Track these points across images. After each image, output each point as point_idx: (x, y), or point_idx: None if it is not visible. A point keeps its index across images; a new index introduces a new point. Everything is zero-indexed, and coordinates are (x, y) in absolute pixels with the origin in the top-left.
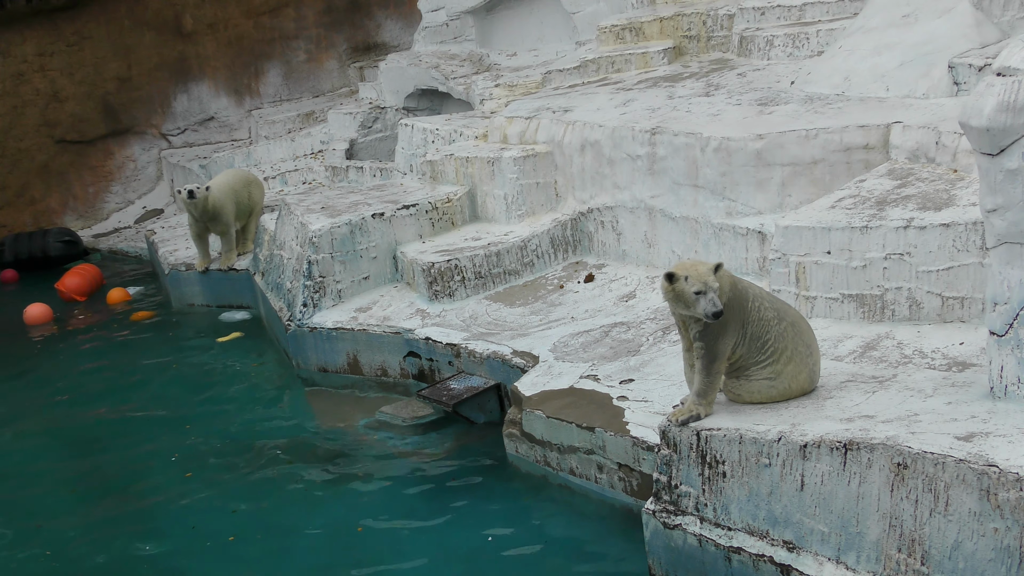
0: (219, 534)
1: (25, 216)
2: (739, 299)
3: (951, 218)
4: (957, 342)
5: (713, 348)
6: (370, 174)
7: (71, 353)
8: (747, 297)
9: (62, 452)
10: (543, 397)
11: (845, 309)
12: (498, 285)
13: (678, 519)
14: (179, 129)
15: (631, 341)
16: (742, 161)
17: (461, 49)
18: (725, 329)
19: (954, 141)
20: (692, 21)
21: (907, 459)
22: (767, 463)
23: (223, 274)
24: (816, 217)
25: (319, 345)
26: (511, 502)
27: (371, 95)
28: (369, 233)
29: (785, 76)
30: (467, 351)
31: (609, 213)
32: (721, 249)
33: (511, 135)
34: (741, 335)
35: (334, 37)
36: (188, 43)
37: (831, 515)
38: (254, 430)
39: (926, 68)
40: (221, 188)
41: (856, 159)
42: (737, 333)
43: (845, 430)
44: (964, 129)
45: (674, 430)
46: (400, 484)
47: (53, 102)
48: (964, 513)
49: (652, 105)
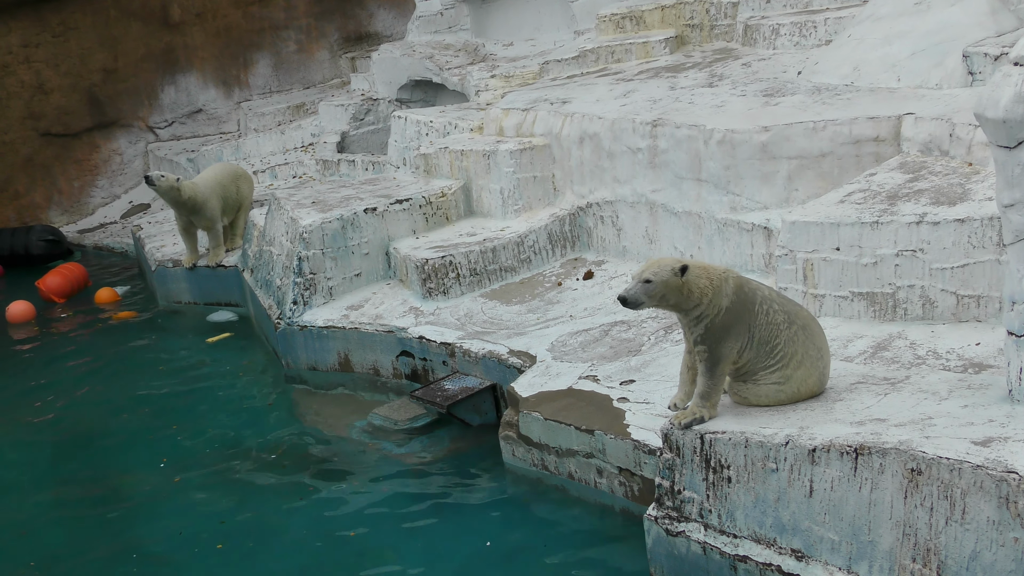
0: (208, 541)
1: (8, 211)
2: (745, 303)
3: (966, 213)
4: (973, 342)
5: (716, 351)
6: (362, 168)
7: (53, 353)
8: (754, 300)
9: (45, 456)
10: (541, 398)
11: (855, 308)
12: (494, 282)
13: (681, 526)
14: (166, 122)
15: (632, 340)
16: (747, 154)
17: (456, 39)
18: (728, 332)
19: (969, 133)
20: (695, 9)
21: (921, 465)
22: (774, 468)
23: (211, 271)
24: (824, 212)
25: (309, 344)
26: (508, 507)
27: (363, 86)
28: (361, 228)
29: (791, 66)
30: (462, 350)
31: (609, 208)
32: (725, 245)
33: (507, 127)
34: (747, 339)
35: (325, 27)
36: (175, 34)
37: (841, 523)
38: (242, 433)
39: (939, 57)
40: (206, 182)
41: (866, 152)
42: (742, 337)
43: (856, 434)
44: (980, 121)
45: (677, 433)
46: (393, 488)
47: (38, 94)
48: (982, 522)
49: (653, 96)
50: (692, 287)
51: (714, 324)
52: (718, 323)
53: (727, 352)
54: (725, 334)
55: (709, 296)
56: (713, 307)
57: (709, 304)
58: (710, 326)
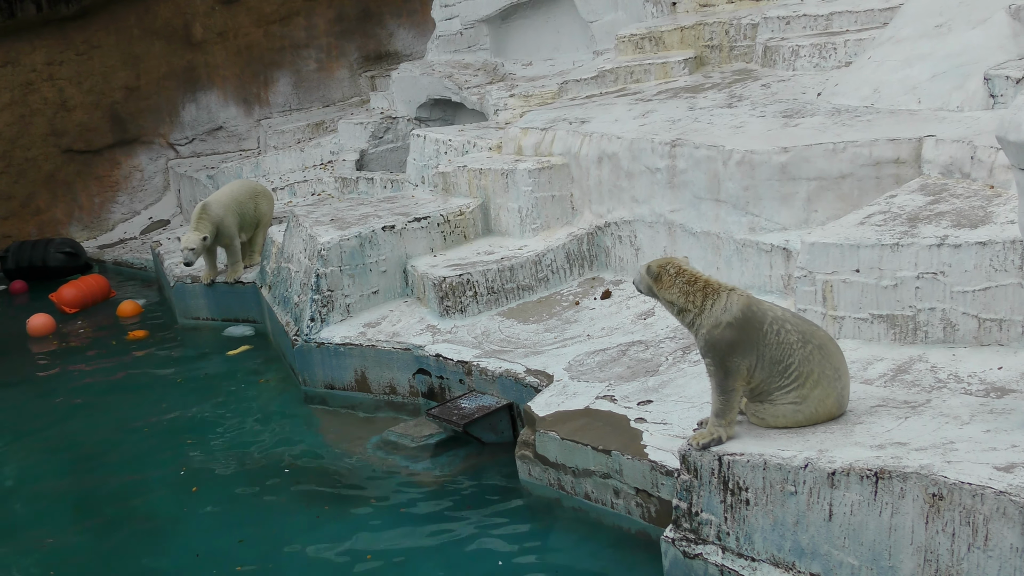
0: (226, 562)
1: (30, 226)
2: (752, 321)
3: (988, 236)
4: (995, 366)
5: (721, 365)
6: (381, 185)
7: (72, 367)
8: (763, 320)
9: (63, 472)
10: (557, 418)
11: (875, 330)
12: (511, 301)
13: (699, 548)
14: (187, 139)
15: (649, 361)
16: (766, 175)
17: (475, 58)
18: (732, 348)
19: (990, 156)
20: (714, 30)
21: (943, 490)
22: (793, 491)
23: (229, 287)
24: (844, 233)
25: (326, 361)
26: (523, 527)
27: (382, 105)
28: (379, 246)
29: (811, 87)
30: (479, 369)
31: (627, 227)
32: (744, 266)
33: (526, 146)
34: (756, 358)
35: (345, 46)
36: (197, 52)
37: (861, 547)
38: (259, 450)
39: (960, 80)
40: (222, 202)
41: (886, 174)
42: (750, 355)
43: (876, 457)
44: (1001, 144)
45: (695, 454)
46: (409, 506)
47: (61, 111)
48: (1005, 548)
49: (672, 116)
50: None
51: (713, 337)
52: (717, 336)
53: (733, 368)
54: (729, 350)
55: (698, 304)
56: (709, 318)
57: (700, 314)
58: (709, 339)
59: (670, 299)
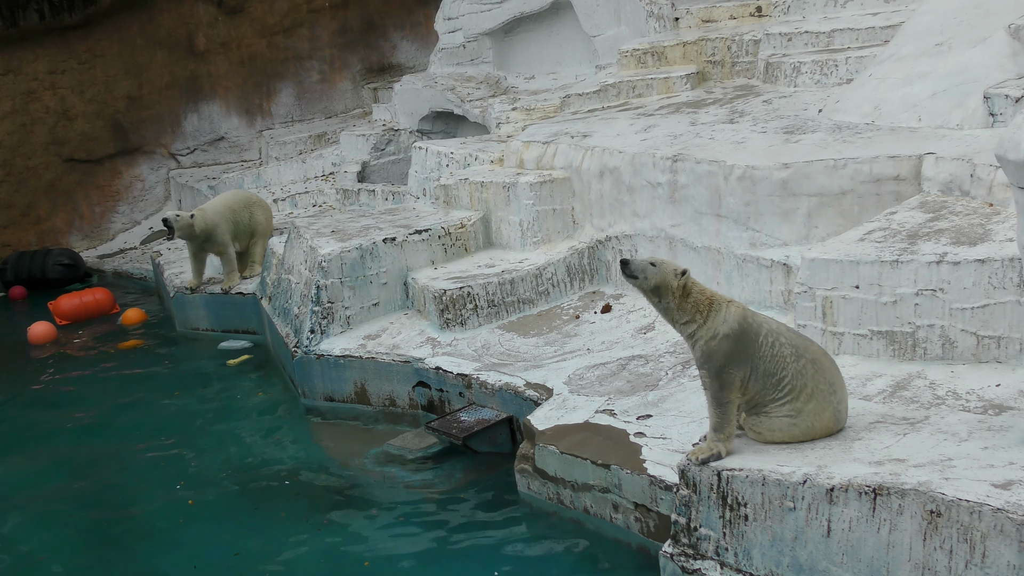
0: (222, 575)
1: (30, 235)
2: (747, 332)
3: (987, 254)
4: (993, 383)
5: (716, 376)
6: (382, 197)
7: (70, 376)
8: (758, 332)
9: (61, 482)
10: (557, 432)
11: (874, 346)
12: (512, 314)
13: (697, 563)
14: (188, 149)
15: (649, 375)
16: (767, 191)
17: (478, 71)
18: (728, 360)
19: (990, 174)
20: (716, 46)
21: (940, 507)
22: (791, 507)
23: (229, 298)
24: (844, 250)
25: (326, 373)
26: (522, 540)
27: (385, 117)
28: (380, 258)
29: (812, 104)
30: (479, 382)
31: (628, 242)
32: (744, 281)
33: (528, 160)
34: (750, 369)
35: (348, 58)
36: (200, 62)
37: (859, 564)
38: (257, 461)
39: (960, 98)
40: (215, 207)
41: (886, 191)
42: (744, 367)
43: (874, 474)
44: (1000, 162)
45: (694, 469)
46: (407, 519)
47: (62, 120)
48: (1002, 566)
49: (674, 131)
50: (687, 296)
51: (710, 348)
52: (714, 347)
53: (728, 380)
54: (725, 361)
55: (704, 315)
56: (708, 329)
57: (702, 325)
58: (706, 349)
59: (684, 309)
